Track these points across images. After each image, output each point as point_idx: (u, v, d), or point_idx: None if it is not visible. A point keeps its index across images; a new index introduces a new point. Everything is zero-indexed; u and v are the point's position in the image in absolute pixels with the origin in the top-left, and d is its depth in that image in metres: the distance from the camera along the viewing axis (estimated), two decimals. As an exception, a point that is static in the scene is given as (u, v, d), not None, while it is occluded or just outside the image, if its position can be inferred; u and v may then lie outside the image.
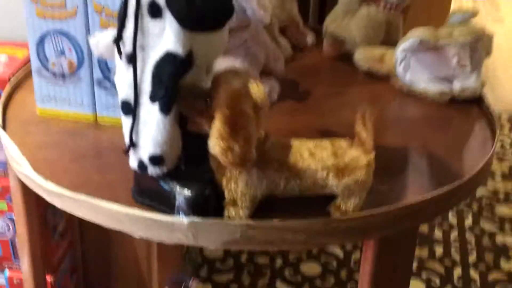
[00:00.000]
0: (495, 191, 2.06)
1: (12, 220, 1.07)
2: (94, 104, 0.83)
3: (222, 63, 0.64)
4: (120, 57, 0.63)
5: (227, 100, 0.57)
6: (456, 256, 1.69)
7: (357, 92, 0.97)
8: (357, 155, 0.62)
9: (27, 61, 1.04)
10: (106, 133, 0.81)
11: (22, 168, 0.73)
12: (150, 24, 0.60)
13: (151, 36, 0.60)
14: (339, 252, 1.67)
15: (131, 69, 0.62)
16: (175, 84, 0.60)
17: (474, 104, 0.92)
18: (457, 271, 1.64)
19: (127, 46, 0.62)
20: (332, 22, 1.06)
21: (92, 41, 0.69)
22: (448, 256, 1.69)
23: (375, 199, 0.66)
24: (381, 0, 1.00)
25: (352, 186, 0.62)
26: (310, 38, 1.10)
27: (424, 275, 1.61)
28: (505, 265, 1.68)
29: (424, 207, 0.68)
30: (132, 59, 0.61)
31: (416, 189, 0.72)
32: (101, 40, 0.69)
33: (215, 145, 0.56)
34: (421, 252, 1.70)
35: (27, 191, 0.79)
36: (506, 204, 1.98)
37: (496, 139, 0.81)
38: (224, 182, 0.62)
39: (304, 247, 1.39)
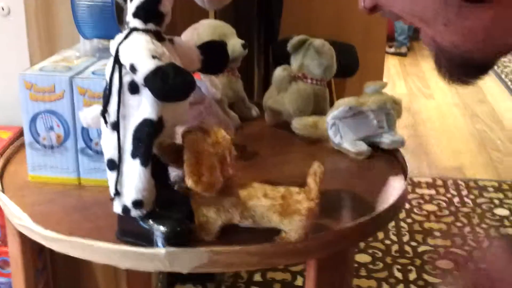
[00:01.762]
0: (435, 245, 2.28)
1: None
2: (78, 169, 0.99)
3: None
4: (106, 126, 0.80)
5: (188, 145, 0.76)
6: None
7: (295, 152, 1.17)
8: (301, 199, 0.79)
9: (12, 140, 1.20)
10: (89, 191, 0.98)
11: (23, 221, 0.88)
12: (129, 99, 0.78)
13: (130, 107, 0.78)
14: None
15: (115, 134, 0.79)
16: (151, 142, 0.77)
17: (391, 157, 1.13)
18: None
19: (111, 117, 0.79)
20: (269, 98, 1.25)
21: (81, 114, 0.87)
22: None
23: (312, 228, 0.84)
24: (307, 76, 1.22)
25: (293, 224, 0.79)
26: (254, 111, 1.31)
27: None
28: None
29: (350, 233, 0.86)
30: (116, 126, 0.79)
31: (343, 220, 0.90)
32: (88, 114, 0.87)
33: (188, 179, 0.74)
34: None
35: (24, 245, 0.93)
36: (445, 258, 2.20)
37: (406, 181, 1.02)
38: (194, 209, 0.79)
39: (257, 267, 1.58)
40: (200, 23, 1.20)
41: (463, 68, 0.64)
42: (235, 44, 1.18)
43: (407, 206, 2.55)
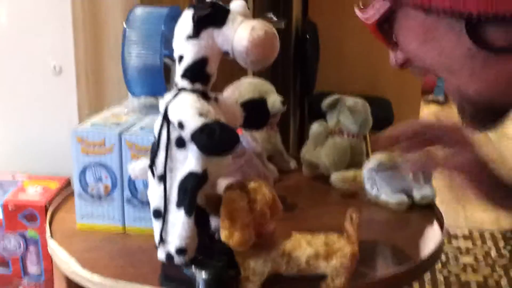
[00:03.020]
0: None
1: (23, 236, 1.22)
2: (124, 217, 1.04)
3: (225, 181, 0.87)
4: (153, 178, 0.85)
5: (225, 202, 0.80)
6: None
7: (333, 204, 1.20)
8: (343, 245, 0.84)
9: (60, 189, 1.27)
10: (133, 239, 1.02)
11: (71, 267, 0.92)
12: (176, 153, 0.83)
13: (177, 161, 0.83)
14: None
15: (162, 186, 0.84)
16: (195, 194, 0.82)
17: (427, 209, 1.15)
18: None
19: (159, 169, 0.85)
20: (307, 152, 1.30)
21: (130, 167, 0.93)
22: None
23: (354, 276, 0.86)
24: (343, 131, 1.26)
25: (338, 268, 0.82)
26: (292, 164, 1.35)
27: None
28: None
29: (388, 282, 0.88)
30: (163, 178, 0.84)
31: (381, 269, 0.93)
32: (136, 166, 0.92)
33: (221, 234, 0.78)
34: None
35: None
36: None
37: (443, 234, 1.04)
38: (240, 261, 0.83)
39: None
40: (241, 81, 1.26)
41: (486, 114, 0.68)
42: (274, 101, 1.24)
43: (443, 258, 2.53)
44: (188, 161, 0.82)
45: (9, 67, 1.39)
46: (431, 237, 1.04)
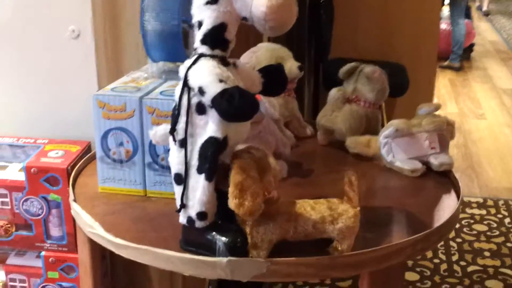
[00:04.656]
0: (484, 265, 2.26)
1: (45, 200, 1.26)
2: (145, 181, 1.06)
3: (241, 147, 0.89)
4: (174, 143, 0.87)
5: (235, 169, 0.81)
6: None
7: (348, 170, 1.21)
8: (346, 208, 0.85)
9: (80, 153, 1.29)
10: (154, 203, 1.05)
11: (95, 230, 0.95)
12: (197, 119, 0.84)
13: (197, 127, 0.85)
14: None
15: (183, 151, 0.86)
16: (216, 159, 0.83)
17: (443, 176, 1.16)
18: None
19: (179, 135, 0.86)
20: (323, 117, 1.31)
21: (151, 132, 0.94)
22: None
23: (367, 242, 0.88)
24: (360, 99, 1.26)
25: (344, 231, 0.84)
26: (308, 130, 1.36)
27: None
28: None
29: (403, 248, 0.90)
30: (184, 144, 0.86)
31: (396, 236, 0.94)
32: (157, 132, 0.94)
33: (231, 203, 0.79)
34: None
35: (93, 251, 1.01)
36: (494, 278, 2.18)
37: (459, 201, 1.05)
38: (247, 230, 0.84)
39: (313, 278, 1.65)
40: (258, 47, 1.26)
41: None
42: (291, 67, 1.24)
43: (456, 225, 2.54)
44: (208, 126, 0.84)
45: (28, 33, 1.41)
46: (447, 205, 1.05)
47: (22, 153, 1.38)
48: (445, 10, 5.61)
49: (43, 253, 1.31)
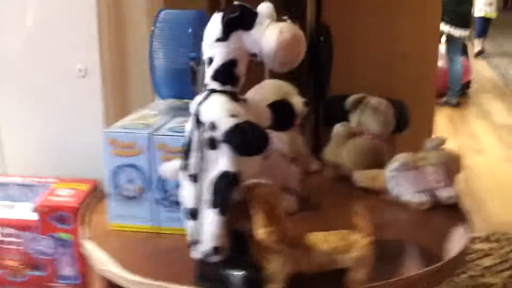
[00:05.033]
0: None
1: (59, 239, 1.24)
2: (155, 218, 1.07)
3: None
4: (185, 178, 0.88)
5: (264, 199, 0.82)
6: None
7: (356, 203, 1.21)
8: (358, 238, 0.86)
9: (89, 192, 1.29)
10: (165, 239, 1.05)
11: (109, 267, 0.95)
12: (208, 154, 0.85)
13: (209, 162, 0.85)
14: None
15: (194, 186, 0.86)
16: (228, 194, 0.84)
17: (450, 209, 1.17)
18: None
19: (191, 170, 0.87)
20: (329, 152, 1.33)
21: (162, 168, 0.95)
22: None
23: (380, 274, 0.89)
24: (365, 132, 1.28)
25: (358, 259, 0.85)
26: (314, 165, 1.37)
27: None
28: None
29: (417, 281, 0.90)
30: (195, 179, 0.86)
31: (409, 268, 0.94)
32: (168, 168, 0.95)
33: (261, 232, 0.80)
34: None
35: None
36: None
37: (469, 233, 1.05)
38: (264, 264, 0.84)
39: None
40: (265, 83, 1.28)
41: None
42: (297, 103, 1.25)
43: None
44: (220, 161, 0.84)
45: (35, 70, 1.42)
46: (457, 237, 1.05)
47: (29, 191, 1.38)
48: (442, 48, 5.69)
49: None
